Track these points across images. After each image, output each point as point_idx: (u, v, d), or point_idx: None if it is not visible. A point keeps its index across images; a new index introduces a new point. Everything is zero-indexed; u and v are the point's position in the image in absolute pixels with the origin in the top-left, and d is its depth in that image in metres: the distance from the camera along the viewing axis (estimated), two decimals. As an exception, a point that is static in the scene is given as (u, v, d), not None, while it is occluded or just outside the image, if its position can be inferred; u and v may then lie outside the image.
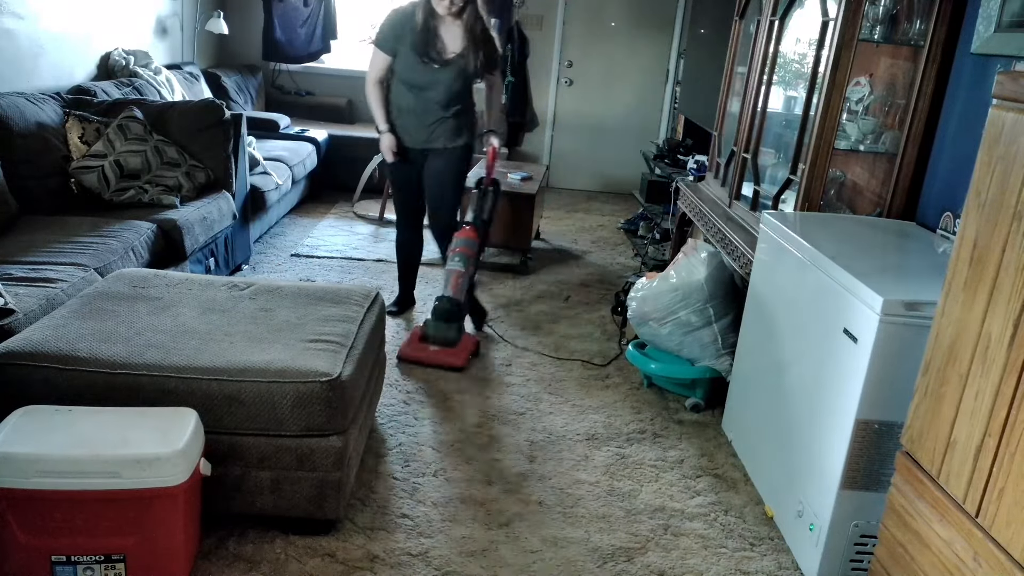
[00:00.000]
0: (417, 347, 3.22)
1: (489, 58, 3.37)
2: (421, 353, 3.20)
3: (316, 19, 6.34)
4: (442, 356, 3.18)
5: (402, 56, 3.35)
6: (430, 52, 3.27)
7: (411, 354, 3.19)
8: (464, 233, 3.40)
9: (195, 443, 1.84)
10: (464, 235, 3.40)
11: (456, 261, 3.32)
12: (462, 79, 3.36)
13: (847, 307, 2.00)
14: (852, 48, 2.54)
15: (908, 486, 1.69)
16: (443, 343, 3.21)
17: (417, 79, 3.34)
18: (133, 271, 2.61)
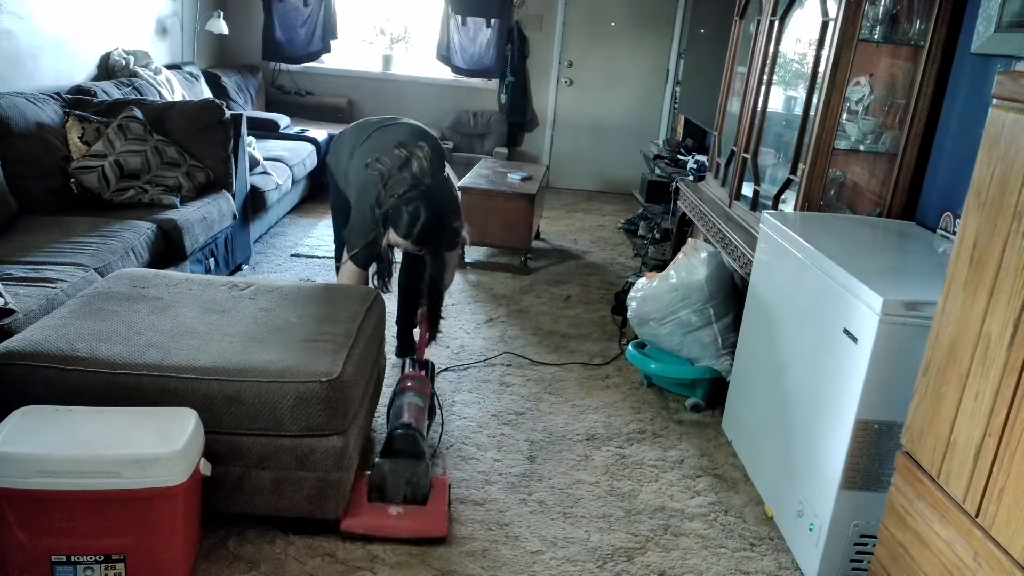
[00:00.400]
0: (371, 512, 2.14)
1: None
2: (380, 522, 2.12)
3: (316, 19, 6.34)
4: (415, 522, 2.13)
5: None
6: None
7: (366, 526, 2.11)
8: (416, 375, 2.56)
9: (195, 443, 1.84)
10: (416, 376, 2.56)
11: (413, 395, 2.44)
12: None
13: (847, 307, 2.00)
14: (852, 48, 2.54)
15: (908, 486, 1.69)
16: (412, 495, 2.19)
17: None
18: (133, 271, 2.61)
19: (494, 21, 6.37)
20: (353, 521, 2.11)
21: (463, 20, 6.38)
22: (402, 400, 2.41)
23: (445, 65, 6.52)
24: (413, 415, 2.33)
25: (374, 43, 6.92)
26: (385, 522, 2.12)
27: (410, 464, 2.19)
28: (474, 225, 4.48)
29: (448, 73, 6.58)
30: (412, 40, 6.97)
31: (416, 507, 2.17)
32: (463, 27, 6.40)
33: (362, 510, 2.14)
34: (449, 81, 6.64)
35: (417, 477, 2.18)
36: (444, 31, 6.43)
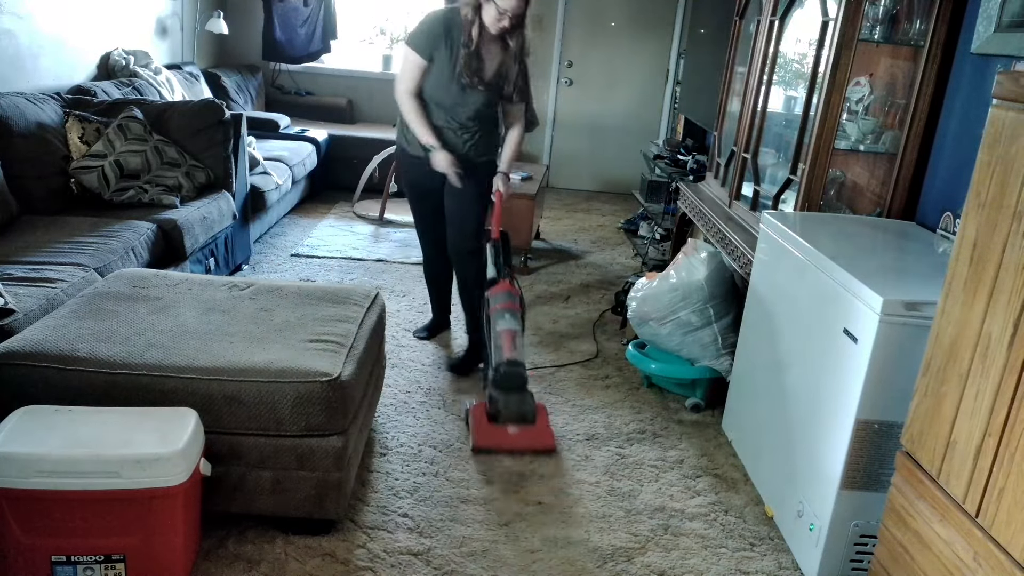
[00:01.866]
0: (493, 432, 2.65)
1: (521, 85, 3.06)
2: (502, 440, 2.64)
3: (316, 19, 6.34)
4: (529, 439, 2.66)
5: (435, 71, 2.99)
6: (470, 76, 2.94)
7: (491, 443, 2.64)
8: (501, 287, 2.86)
9: (195, 443, 1.84)
10: (501, 289, 2.85)
11: (506, 319, 2.74)
12: (493, 102, 3.07)
13: (847, 307, 2.00)
14: (852, 48, 2.54)
15: (908, 486, 1.69)
16: (520, 419, 2.62)
17: (445, 98, 3.01)
18: (133, 271, 2.61)
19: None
20: (483, 440, 2.62)
21: (463, 20, 6.37)
22: (499, 326, 2.72)
23: (445, 65, 6.51)
24: (513, 345, 2.65)
25: (374, 43, 6.92)
26: (509, 441, 2.63)
27: (519, 395, 2.60)
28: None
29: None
30: (412, 40, 6.96)
31: (527, 426, 2.63)
32: (463, 27, 6.39)
33: (487, 431, 2.64)
34: (449, 81, 6.63)
35: (526, 405, 2.60)
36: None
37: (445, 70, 2.97)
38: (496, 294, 2.83)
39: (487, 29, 2.90)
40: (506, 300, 2.81)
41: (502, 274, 2.95)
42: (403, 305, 3.88)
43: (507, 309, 2.78)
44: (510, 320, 2.74)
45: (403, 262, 4.55)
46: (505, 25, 2.87)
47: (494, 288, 2.86)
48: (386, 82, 6.67)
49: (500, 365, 2.61)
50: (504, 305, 2.79)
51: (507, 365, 2.60)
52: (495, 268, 2.98)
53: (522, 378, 2.61)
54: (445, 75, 2.98)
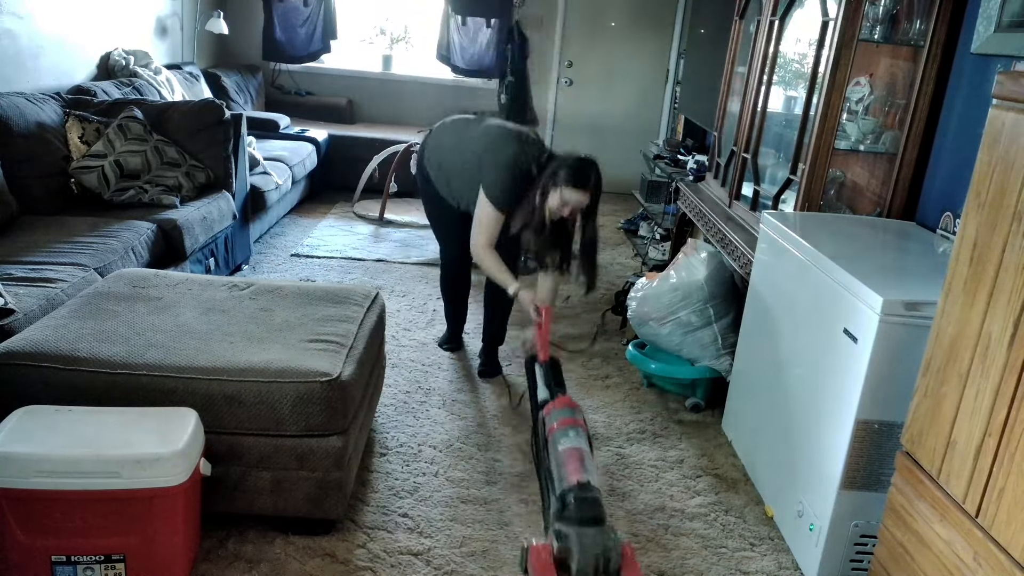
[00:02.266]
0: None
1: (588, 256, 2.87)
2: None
3: (316, 19, 6.34)
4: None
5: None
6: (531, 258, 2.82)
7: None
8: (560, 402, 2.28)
9: (195, 443, 1.84)
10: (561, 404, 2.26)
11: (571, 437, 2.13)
12: None
13: (847, 307, 2.00)
14: (852, 48, 2.54)
15: (908, 486, 1.69)
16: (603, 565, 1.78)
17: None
18: (133, 271, 2.61)
19: (494, 21, 6.37)
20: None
21: (463, 20, 6.38)
22: (561, 444, 2.09)
23: (445, 65, 6.52)
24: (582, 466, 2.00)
25: (374, 43, 6.92)
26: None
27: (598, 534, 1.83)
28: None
29: (448, 73, 6.58)
30: (412, 40, 6.96)
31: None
32: (463, 27, 6.40)
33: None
34: (449, 81, 6.64)
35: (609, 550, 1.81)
36: (444, 31, 6.43)
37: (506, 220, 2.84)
38: (553, 411, 2.24)
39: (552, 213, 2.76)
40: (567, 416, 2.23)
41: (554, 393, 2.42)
42: (403, 305, 3.88)
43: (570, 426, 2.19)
44: (575, 438, 2.14)
45: (403, 262, 4.55)
46: (568, 214, 2.75)
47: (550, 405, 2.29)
48: (386, 82, 6.69)
49: (567, 493, 1.94)
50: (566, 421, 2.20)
51: (578, 490, 1.93)
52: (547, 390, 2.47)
53: (599, 507, 1.92)
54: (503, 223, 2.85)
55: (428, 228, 5.20)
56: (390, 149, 5.44)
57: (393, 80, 6.70)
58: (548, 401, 2.33)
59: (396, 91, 6.67)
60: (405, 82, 6.68)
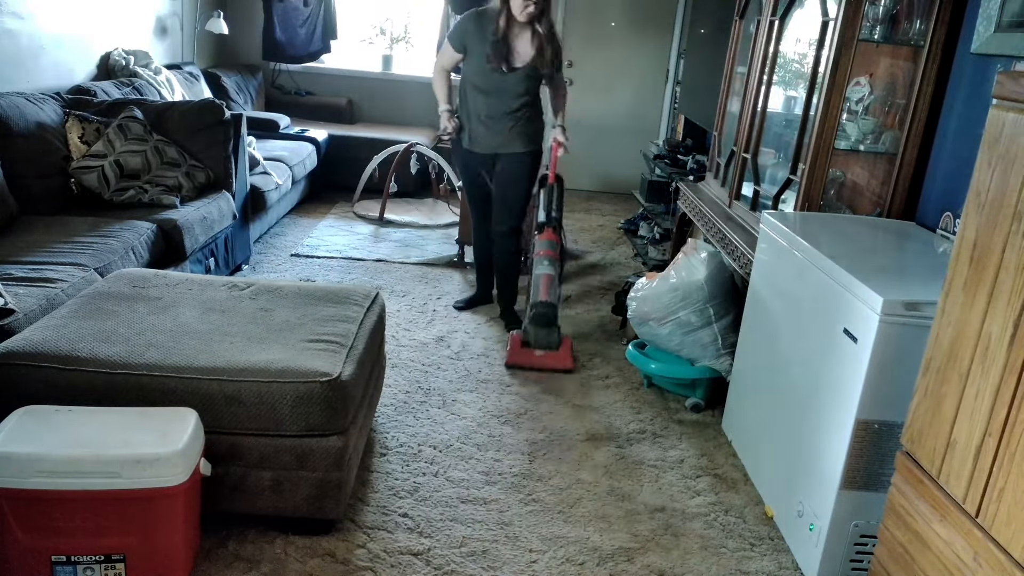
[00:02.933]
0: (523, 353, 3.29)
1: (556, 59, 3.43)
2: (530, 359, 3.27)
3: (316, 19, 6.34)
4: (551, 360, 3.27)
5: (472, 60, 3.42)
6: (502, 61, 3.34)
7: (520, 360, 3.26)
8: (544, 235, 3.49)
9: (195, 443, 1.84)
10: (544, 237, 3.48)
11: (545, 265, 3.38)
12: (530, 83, 3.43)
13: (847, 307, 2.00)
14: (852, 48, 2.54)
15: (908, 486, 1.69)
16: (547, 347, 3.30)
17: (485, 84, 3.41)
18: (133, 271, 2.61)
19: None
20: (514, 357, 3.28)
21: (463, 20, 6.37)
22: (537, 269, 3.40)
23: (445, 65, 6.51)
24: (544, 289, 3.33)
25: (374, 43, 6.92)
26: (535, 360, 3.28)
27: (548, 330, 3.33)
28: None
29: (448, 73, 6.57)
30: (412, 40, 6.96)
31: (554, 353, 3.31)
32: (463, 27, 6.39)
33: (518, 353, 3.30)
34: (449, 81, 6.63)
35: (552, 336, 3.33)
36: (444, 31, 6.43)
37: (481, 59, 3.37)
38: (541, 240, 3.46)
39: (515, 18, 3.28)
40: (547, 247, 3.42)
41: (550, 221, 3.53)
42: (403, 305, 3.88)
43: (547, 256, 3.39)
44: (548, 266, 3.36)
45: (403, 262, 4.55)
46: (531, 11, 3.25)
47: (541, 234, 3.49)
48: (386, 82, 6.69)
49: (535, 304, 3.33)
50: (545, 252, 3.40)
51: (540, 305, 3.31)
52: (545, 213, 3.56)
53: (550, 316, 3.32)
54: (481, 63, 3.38)
55: (428, 228, 5.24)
56: (390, 149, 5.44)
57: (393, 80, 6.69)
58: (543, 225, 3.57)
59: (396, 91, 6.67)
60: (405, 82, 6.68)
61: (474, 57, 3.41)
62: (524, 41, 3.37)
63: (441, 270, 4.47)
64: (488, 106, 3.44)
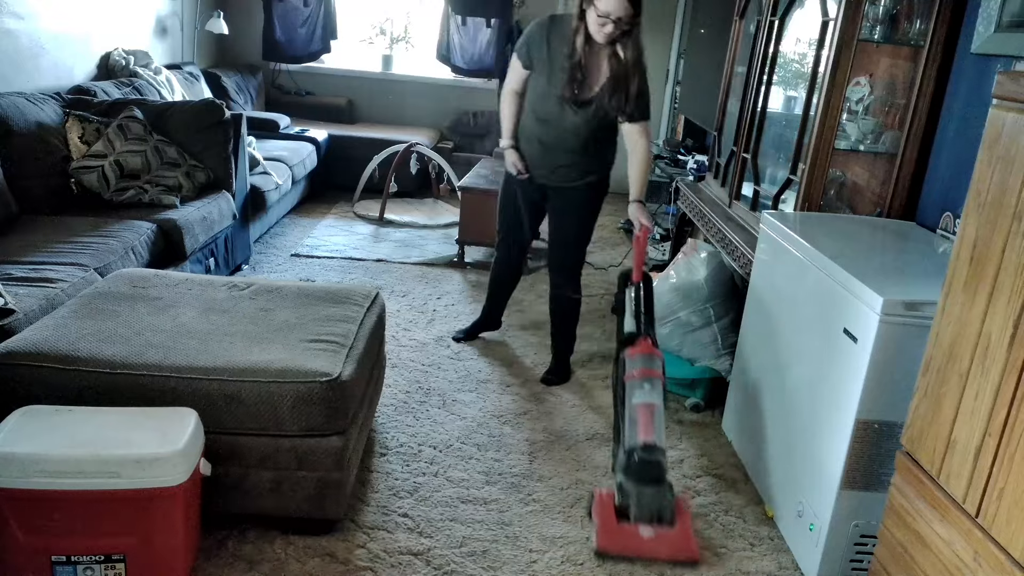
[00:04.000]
0: (623, 533, 2.19)
1: (637, 103, 2.77)
2: (635, 543, 2.18)
3: (316, 19, 6.34)
4: (666, 547, 2.18)
5: (535, 78, 2.87)
6: (568, 91, 2.75)
7: (619, 546, 2.18)
8: (641, 349, 2.42)
9: (195, 443, 1.84)
10: (642, 351, 2.41)
11: (645, 391, 2.31)
12: (601, 123, 2.84)
13: (847, 307, 2.00)
14: (852, 48, 2.54)
15: (908, 486, 1.69)
16: (657, 519, 2.20)
17: (545, 112, 2.86)
18: (133, 271, 2.61)
19: (494, 21, 6.37)
20: (610, 543, 2.17)
21: (463, 20, 6.37)
22: (635, 398, 2.30)
23: (445, 65, 6.51)
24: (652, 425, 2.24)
25: (374, 43, 6.92)
26: (641, 544, 2.17)
27: (657, 491, 2.20)
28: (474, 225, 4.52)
29: (448, 73, 6.58)
30: (412, 40, 6.96)
31: (668, 531, 2.20)
32: (463, 27, 6.39)
33: (615, 531, 2.19)
34: (449, 81, 6.63)
35: (664, 502, 2.20)
36: (444, 31, 6.43)
37: (543, 79, 2.82)
38: (634, 357, 2.40)
39: (593, 38, 2.67)
40: (646, 365, 2.37)
41: (643, 330, 2.54)
42: (403, 305, 3.89)
43: (647, 377, 2.35)
44: (649, 392, 2.31)
45: (403, 262, 4.55)
46: (609, 31, 2.61)
47: (633, 348, 2.44)
48: (386, 82, 6.68)
49: (634, 450, 2.23)
50: (643, 372, 2.35)
51: (642, 451, 2.22)
52: (634, 320, 2.58)
53: (661, 469, 2.22)
54: (543, 87, 2.83)
55: (427, 228, 5.24)
56: (390, 149, 5.44)
57: (393, 80, 6.69)
58: (634, 336, 2.51)
59: (396, 91, 6.67)
60: (405, 82, 6.68)
61: (537, 74, 2.84)
62: (598, 68, 2.74)
63: (441, 270, 4.47)
64: (543, 133, 2.89)
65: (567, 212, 3.03)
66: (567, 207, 3.02)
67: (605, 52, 2.71)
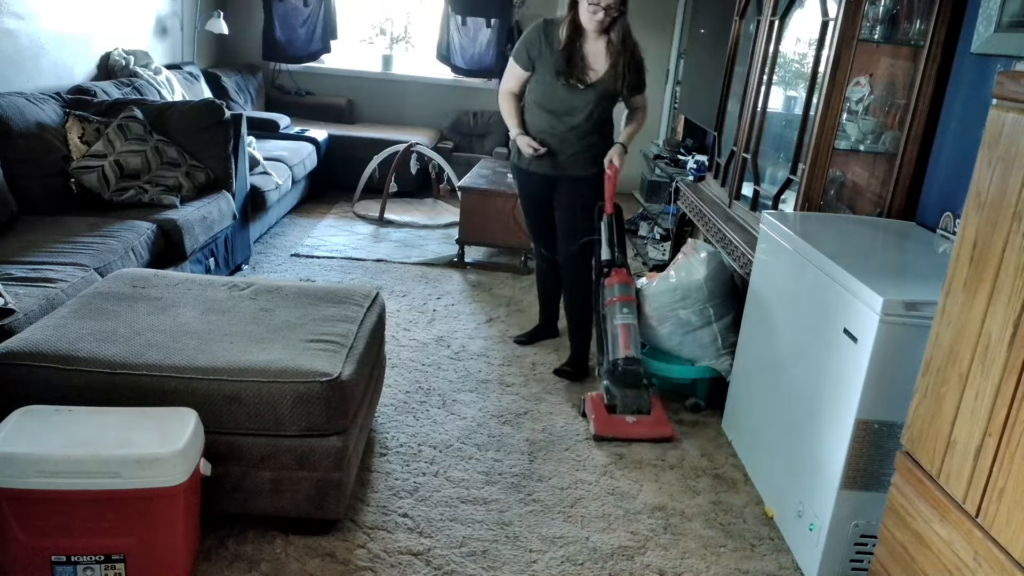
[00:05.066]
0: (613, 422, 2.79)
1: (637, 77, 3.02)
2: (623, 428, 2.78)
3: (316, 19, 6.34)
4: (647, 428, 2.79)
5: (539, 76, 3.02)
6: (572, 74, 2.93)
7: (611, 431, 2.77)
8: (617, 278, 2.98)
9: (195, 443, 1.84)
10: (618, 280, 2.97)
11: (625, 313, 2.90)
12: (604, 103, 3.03)
13: (847, 307, 2.00)
14: (852, 48, 2.54)
15: (908, 486, 1.69)
16: (638, 411, 2.82)
17: (554, 103, 3.01)
18: (133, 271, 2.61)
19: (494, 21, 6.37)
20: (604, 428, 2.76)
21: (463, 20, 6.37)
22: (616, 319, 2.88)
23: (445, 65, 6.52)
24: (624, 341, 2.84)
25: (374, 43, 6.92)
26: (628, 429, 2.78)
27: (636, 391, 2.85)
28: (474, 225, 4.52)
29: (448, 73, 6.58)
30: (412, 40, 6.96)
31: (645, 416, 2.82)
32: (463, 27, 6.39)
33: (607, 421, 2.79)
34: (449, 81, 6.63)
35: (643, 399, 2.85)
36: (444, 31, 6.43)
37: (548, 74, 2.98)
38: (612, 285, 2.95)
39: (585, 28, 2.90)
40: (622, 292, 2.91)
41: (616, 259, 3.03)
42: (403, 305, 3.88)
43: (624, 302, 2.90)
44: (627, 314, 2.87)
45: (403, 262, 4.55)
46: (601, 18, 2.84)
47: (610, 278, 2.97)
48: (386, 82, 6.68)
49: (617, 361, 2.84)
50: (621, 298, 2.90)
51: (624, 362, 2.84)
52: (609, 249, 3.04)
53: (639, 375, 2.84)
54: (549, 78, 2.98)
55: (428, 228, 5.24)
56: (390, 149, 5.44)
57: (393, 80, 6.69)
58: (611, 264, 3.01)
59: (396, 91, 6.67)
60: (405, 82, 6.68)
61: (540, 71, 3.00)
62: (598, 54, 2.95)
63: (441, 270, 4.47)
64: (552, 126, 3.03)
65: (578, 202, 3.14)
66: (577, 197, 3.13)
67: (600, 40, 2.93)
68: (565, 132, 3.03)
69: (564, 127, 3.02)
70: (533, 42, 3.00)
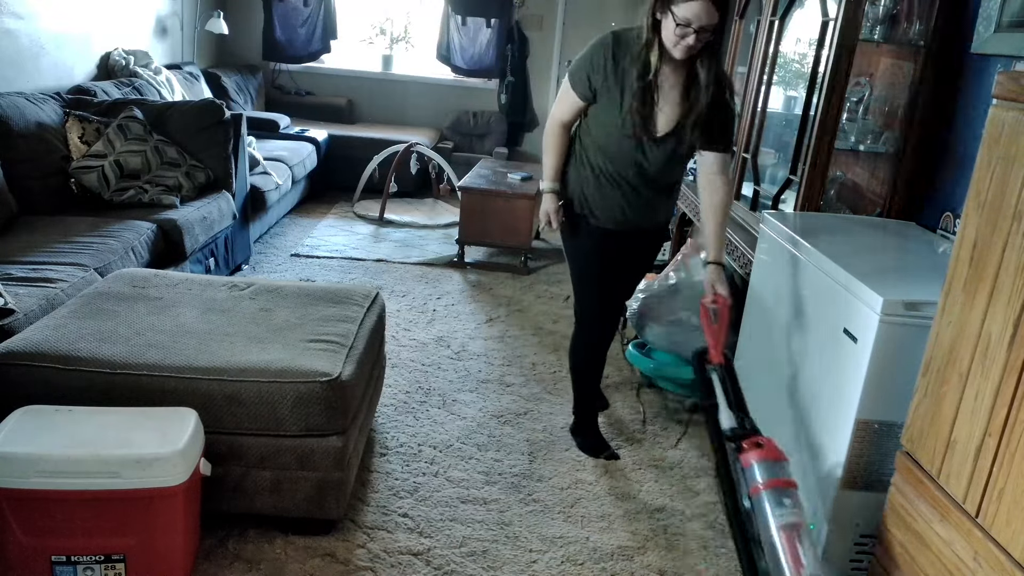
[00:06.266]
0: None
1: (723, 130, 2.29)
2: None
3: (316, 19, 6.34)
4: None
5: (602, 110, 2.32)
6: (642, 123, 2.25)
7: None
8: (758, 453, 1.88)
9: (195, 443, 1.84)
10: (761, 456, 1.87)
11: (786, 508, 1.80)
12: (679, 156, 2.35)
13: (847, 307, 2.00)
14: (852, 48, 2.54)
15: (908, 486, 1.69)
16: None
17: (612, 149, 2.35)
18: (133, 271, 2.61)
19: (494, 21, 6.37)
20: None
21: (463, 20, 6.38)
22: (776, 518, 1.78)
23: (445, 65, 6.52)
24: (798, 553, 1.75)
25: (374, 43, 6.92)
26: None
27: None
28: (474, 225, 4.52)
29: (448, 73, 6.58)
30: (412, 40, 6.96)
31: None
32: (463, 27, 6.39)
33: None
34: (449, 81, 6.63)
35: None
36: (444, 31, 6.43)
37: (612, 114, 2.29)
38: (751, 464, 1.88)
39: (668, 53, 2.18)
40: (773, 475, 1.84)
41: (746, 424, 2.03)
42: (403, 305, 3.89)
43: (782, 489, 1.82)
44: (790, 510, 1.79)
45: (403, 262, 4.55)
46: (691, 44, 2.11)
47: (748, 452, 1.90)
48: (386, 82, 6.68)
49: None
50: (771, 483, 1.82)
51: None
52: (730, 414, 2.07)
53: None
54: (612, 121, 2.30)
55: (428, 228, 5.24)
56: (390, 149, 5.44)
57: (393, 80, 6.69)
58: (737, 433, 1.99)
59: (396, 91, 6.67)
60: (405, 82, 6.68)
61: (603, 104, 2.30)
62: (673, 91, 2.25)
63: (441, 270, 4.47)
64: (618, 173, 2.37)
65: (643, 257, 2.64)
66: (644, 252, 2.62)
67: (682, 71, 2.23)
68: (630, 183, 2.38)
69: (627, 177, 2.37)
70: (598, 65, 2.27)
